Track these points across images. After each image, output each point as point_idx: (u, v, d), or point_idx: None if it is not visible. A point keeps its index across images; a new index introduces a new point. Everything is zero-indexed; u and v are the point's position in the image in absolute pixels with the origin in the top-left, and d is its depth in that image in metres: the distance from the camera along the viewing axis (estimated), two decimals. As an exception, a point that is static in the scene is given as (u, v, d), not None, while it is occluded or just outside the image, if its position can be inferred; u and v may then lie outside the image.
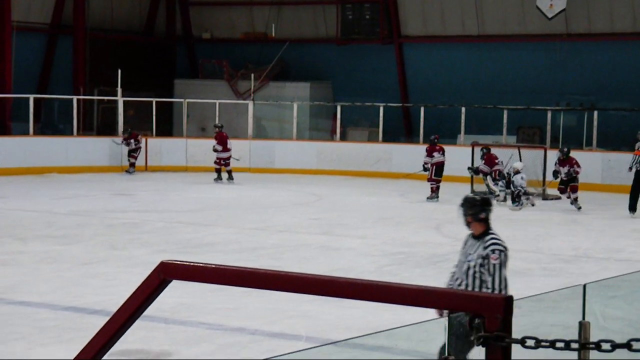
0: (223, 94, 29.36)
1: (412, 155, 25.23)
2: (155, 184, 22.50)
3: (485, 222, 6.29)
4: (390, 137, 26.56)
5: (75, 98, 26.10)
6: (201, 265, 1.98)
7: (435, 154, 20.03)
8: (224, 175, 23.14)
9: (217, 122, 25.00)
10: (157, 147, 25.82)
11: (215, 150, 23.18)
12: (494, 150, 20.75)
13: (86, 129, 27.63)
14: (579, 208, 18.43)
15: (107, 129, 27.94)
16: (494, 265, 6.14)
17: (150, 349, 7.81)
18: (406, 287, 1.81)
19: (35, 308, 9.39)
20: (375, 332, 7.16)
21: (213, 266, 1.94)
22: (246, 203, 19.14)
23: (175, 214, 16.94)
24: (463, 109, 25.59)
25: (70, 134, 25.70)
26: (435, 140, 20.24)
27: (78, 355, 2.09)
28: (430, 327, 4.44)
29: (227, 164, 23.13)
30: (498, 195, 19.43)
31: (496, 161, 20.25)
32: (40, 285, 10.52)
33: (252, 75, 28.69)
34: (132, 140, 24.39)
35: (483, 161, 20.19)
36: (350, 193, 21.39)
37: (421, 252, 13.36)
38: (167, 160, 25.75)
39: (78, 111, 25.86)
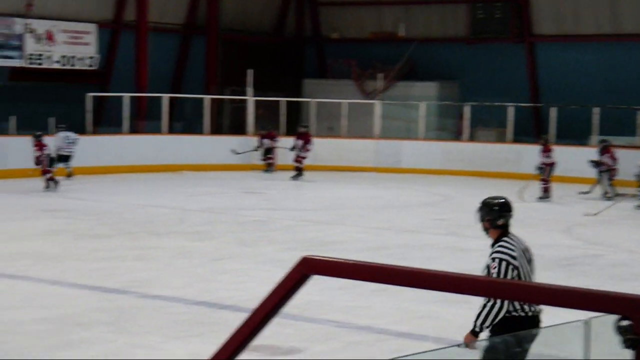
0: (350, 93, 29.49)
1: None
2: (284, 182, 22.80)
3: (502, 228, 5.84)
4: (520, 137, 26.13)
5: (207, 97, 26.72)
6: (343, 261, 2.02)
7: (549, 154, 20.20)
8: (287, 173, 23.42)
9: (303, 122, 25.29)
10: (287, 145, 26.10)
11: (293, 148, 23.62)
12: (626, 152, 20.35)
13: (217, 128, 28.24)
14: None
15: (237, 128, 28.46)
16: (492, 275, 5.70)
17: (280, 345, 7.94)
18: (549, 287, 1.79)
19: (168, 302, 9.67)
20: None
21: (355, 262, 1.97)
22: (372, 202, 19.18)
23: (302, 213, 17.13)
24: (596, 110, 24.97)
25: (202, 132, 26.31)
26: (547, 141, 20.71)
27: (219, 350, 2.16)
28: (564, 330, 4.37)
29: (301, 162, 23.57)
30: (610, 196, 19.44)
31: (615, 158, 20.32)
32: (174, 279, 10.82)
33: (380, 75, 28.71)
34: (266, 140, 24.53)
35: (603, 155, 20.28)
36: (477, 194, 21.08)
37: (550, 254, 13.10)
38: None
39: (210, 110, 26.46)
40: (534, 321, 5.70)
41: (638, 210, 18.34)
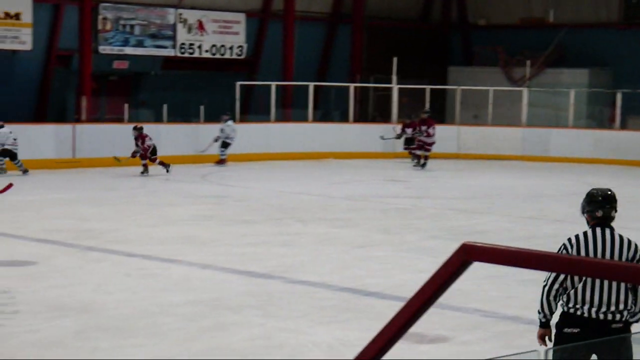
0: (497, 81, 29.01)
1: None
2: (427, 171, 22.68)
3: (600, 220, 5.55)
4: (676, 126, 25.15)
5: (352, 86, 26.85)
6: (505, 247, 1.99)
7: None
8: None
9: (426, 109, 24.63)
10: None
11: (416, 135, 23.17)
12: None
13: (361, 116, 28.34)
14: None
15: (381, 116, 28.49)
16: None
17: (427, 333, 7.91)
18: None
19: (314, 287, 9.79)
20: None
21: (518, 249, 1.95)
22: (519, 191, 18.85)
23: (446, 201, 17.00)
24: None
25: (346, 120, 26.47)
26: None
27: (376, 337, 2.17)
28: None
29: (428, 150, 23.07)
30: None
31: None
32: (319, 266, 10.94)
33: (528, 61, 28.15)
34: (409, 129, 24.42)
35: None
36: (628, 184, 20.48)
37: None
38: (439, 147, 25.80)
39: (354, 98, 26.58)
40: (603, 327, 5.30)
41: None
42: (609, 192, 5.62)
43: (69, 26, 23.58)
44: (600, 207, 5.54)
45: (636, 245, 5.43)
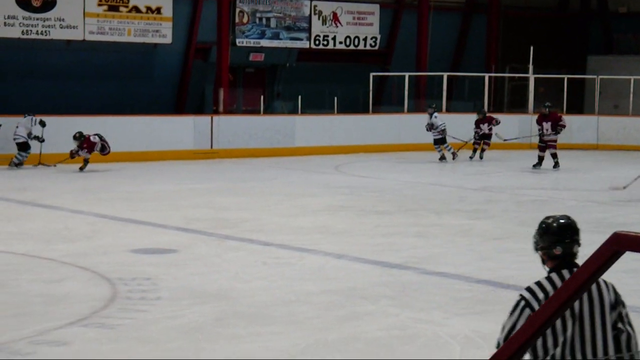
0: (638, 69, 28.11)
1: None
2: (566, 162, 22.17)
3: (559, 259, 4.22)
4: None
5: (487, 76, 26.51)
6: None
7: None
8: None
9: (547, 103, 21.67)
10: (568, 125, 25.35)
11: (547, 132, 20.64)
12: None
13: (496, 106, 27.94)
14: None
15: (516, 106, 28.03)
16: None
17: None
18: None
19: (450, 279, 9.73)
20: None
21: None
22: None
23: (587, 193, 16.59)
24: None
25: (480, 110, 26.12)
26: None
27: (525, 325, 2.14)
28: None
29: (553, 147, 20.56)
30: None
31: None
32: (455, 257, 10.86)
33: (672, 49, 27.17)
34: (484, 125, 22.44)
35: None
36: None
37: None
38: (577, 138, 25.26)
39: (489, 88, 26.23)
40: None
41: None
42: (568, 221, 4.32)
43: (208, 20, 24.13)
44: (557, 241, 4.21)
45: (612, 285, 4.20)
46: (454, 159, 21.76)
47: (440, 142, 21.77)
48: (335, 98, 23.92)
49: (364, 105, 25.21)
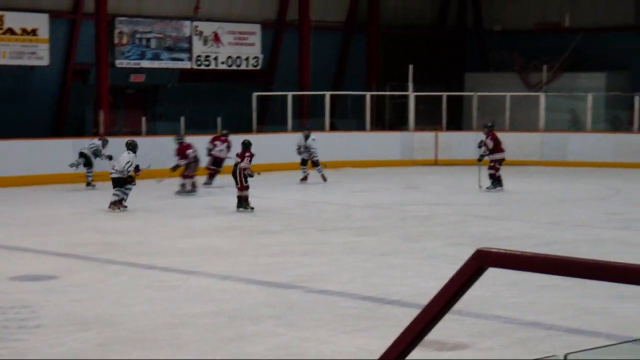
0: (514, 86, 28.96)
1: None
2: (445, 178, 22.64)
3: None
4: (695, 127, 24.98)
5: (368, 94, 26.86)
6: (520, 253, 1.99)
7: None
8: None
9: (488, 122, 20.67)
10: (447, 141, 25.96)
11: (483, 154, 19.60)
12: None
13: (378, 124, 28.33)
14: None
15: (397, 123, 28.49)
16: None
17: (447, 340, 7.89)
18: None
19: (336, 297, 9.78)
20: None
21: (533, 254, 1.95)
22: (540, 197, 18.78)
23: (468, 207, 16.96)
24: None
25: (363, 129, 26.46)
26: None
27: (394, 343, 2.17)
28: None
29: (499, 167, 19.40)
30: None
31: None
32: (341, 274, 10.94)
33: (545, 66, 28.07)
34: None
35: None
36: (650, 187, 20.39)
37: None
38: (457, 154, 25.82)
39: (370, 107, 26.59)
40: None
41: None
42: None
43: (86, 41, 23.73)
44: None
45: None
46: (325, 180, 21.52)
47: (304, 163, 21.66)
48: (219, 118, 23.82)
49: (247, 125, 25.18)
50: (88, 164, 20.23)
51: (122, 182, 16.70)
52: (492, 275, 9.64)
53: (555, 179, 22.19)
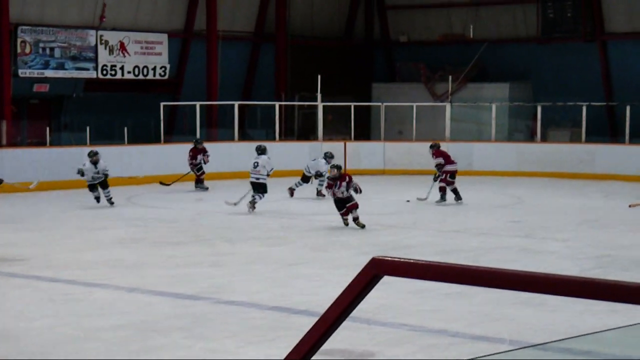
0: (420, 96, 29.39)
1: (617, 156, 24.40)
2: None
3: None
4: (594, 137, 25.73)
5: (277, 104, 26.90)
6: (413, 261, 2.03)
7: None
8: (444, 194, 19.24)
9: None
10: (356, 151, 26.17)
11: (438, 165, 19.39)
12: None
13: (287, 134, 28.39)
14: None
15: (307, 133, 28.60)
16: None
17: (354, 349, 7.95)
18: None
19: (244, 307, 9.76)
20: (582, 335, 6.99)
21: (425, 262, 1.98)
22: (446, 205, 19.05)
23: (375, 217, 17.10)
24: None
25: (273, 139, 26.48)
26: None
27: (291, 353, 2.18)
28: (638, 332, 4.30)
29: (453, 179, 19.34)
30: None
31: None
32: (249, 285, 10.92)
33: (450, 77, 28.58)
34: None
35: None
36: (551, 195, 20.91)
37: (629, 255, 12.89)
38: (365, 163, 26.05)
39: (280, 117, 26.63)
40: None
41: None
42: None
43: (-12, 50, 23.18)
44: None
45: None
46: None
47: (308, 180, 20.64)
48: (126, 128, 23.53)
49: (155, 135, 24.95)
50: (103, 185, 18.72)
51: (263, 188, 17.60)
52: (399, 283, 9.72)
53: (460, 187, 22.53)
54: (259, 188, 17.73)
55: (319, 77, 26.10)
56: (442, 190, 19.32)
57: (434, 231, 15.31)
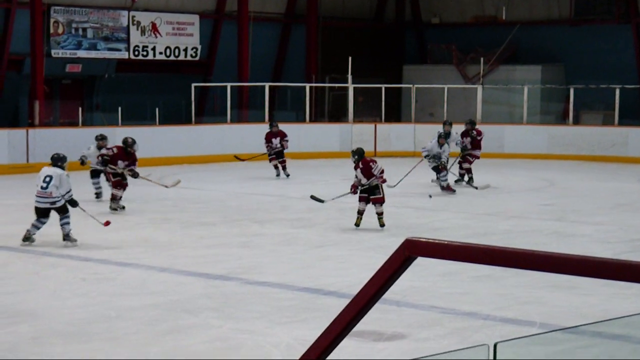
0: (451, 78, 29.22)
1: (651, 139, 24.18)
2: (386, 169, 22.67)
3: None
4: (627, 120, 25.47)
5: (307, 86, 26.86)
6: (447, 242, 2.01)
7: None
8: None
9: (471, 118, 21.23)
10: (386, 133, 26.10)
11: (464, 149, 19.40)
12: None
13: (318, 116, 28.36)
14: None
15: (337, 115, 28.55)
16: None
17: (383, 330, 7.95)
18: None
19: (273, 288, 9.79)
20: (613, 319, 6.95)
21: (459, 243, 1.97)
22: (470, 187, 18.94)
23: (405, 199, 17.06)
24: None
25: (303, 120, 26.47)
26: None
27: (323, 333, 2.18)
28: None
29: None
30: None
31: None
32: (278, 266, 10.94)
33: (482, 59, 28.38)
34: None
35: None
36: (583, 178, 20.75)
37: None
38: (395, 145, 25.97)
39: (310, 98, 26.60)
40: None
41: None
42: None
43: (21, 30, 23.31)
44: None
45: None
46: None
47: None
48: (157, 109, 23.62)
49: (186, 116, 25.02)
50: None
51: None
52: (428, 266, 9.69)
53: (492, 170, 22.42)
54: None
55: (350, 58, 26.01)
56: (469, 171, 19.25)
57: (464, 214, 15.25)
